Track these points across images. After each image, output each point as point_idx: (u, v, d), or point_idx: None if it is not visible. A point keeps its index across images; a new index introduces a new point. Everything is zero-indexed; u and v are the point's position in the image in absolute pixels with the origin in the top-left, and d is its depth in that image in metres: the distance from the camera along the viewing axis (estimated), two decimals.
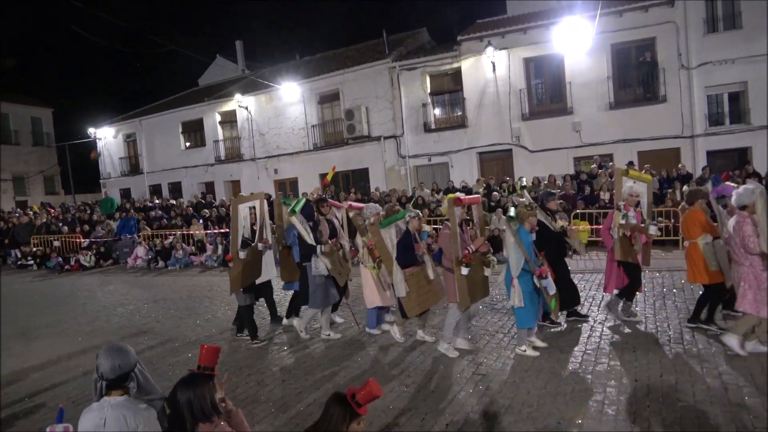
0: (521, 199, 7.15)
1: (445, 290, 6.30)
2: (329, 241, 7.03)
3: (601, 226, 12.83)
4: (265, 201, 8.25)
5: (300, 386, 5.65)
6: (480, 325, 7.24)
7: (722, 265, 6.06)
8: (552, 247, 6.32)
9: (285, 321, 8.08)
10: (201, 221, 17.49)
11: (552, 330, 6.73)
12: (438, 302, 6.73)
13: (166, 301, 10.85)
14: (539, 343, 6.13)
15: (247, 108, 23.46)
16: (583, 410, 4.57)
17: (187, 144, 26.40)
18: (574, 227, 7.24)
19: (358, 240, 7.29)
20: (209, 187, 25.06)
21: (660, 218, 11.95)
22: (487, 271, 6.32)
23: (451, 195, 6.20)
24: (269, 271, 7.75)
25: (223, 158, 24.63)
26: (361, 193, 17.80)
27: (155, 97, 31.19)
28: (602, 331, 6.62)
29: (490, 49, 18.07)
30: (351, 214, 7.62)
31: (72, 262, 17.26)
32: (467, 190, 15.01)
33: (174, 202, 21.54)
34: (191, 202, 21.18)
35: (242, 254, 7.04)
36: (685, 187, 6.45)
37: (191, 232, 16.90)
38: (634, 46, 17.18)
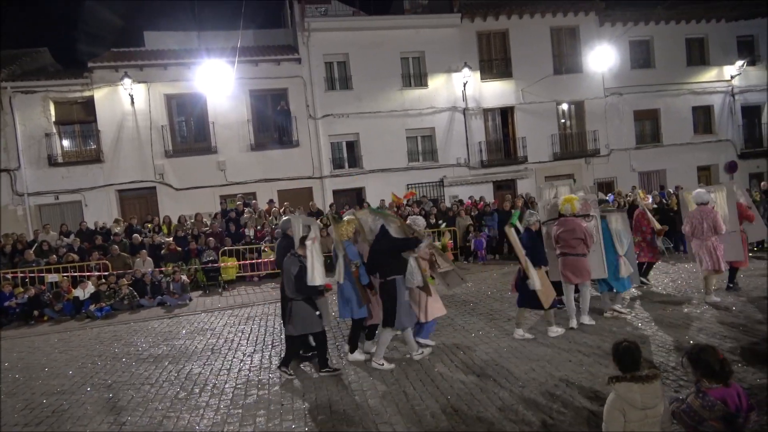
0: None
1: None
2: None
3: (248, 262, 13.58)
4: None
5: None
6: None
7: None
8: None
9: (353, 355, 6.65)
10: None
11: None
12: None
13: None
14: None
15: None
16: None
17: None
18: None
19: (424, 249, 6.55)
20: None
21: None
22: None
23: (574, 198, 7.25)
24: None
25: None
26: None
27: None
28: (251, 363, 6.84)
29: (127, 80, 17.05)
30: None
31: None
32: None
33: None
34: None
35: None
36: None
37: None
38: (270, 94, 18.82)
